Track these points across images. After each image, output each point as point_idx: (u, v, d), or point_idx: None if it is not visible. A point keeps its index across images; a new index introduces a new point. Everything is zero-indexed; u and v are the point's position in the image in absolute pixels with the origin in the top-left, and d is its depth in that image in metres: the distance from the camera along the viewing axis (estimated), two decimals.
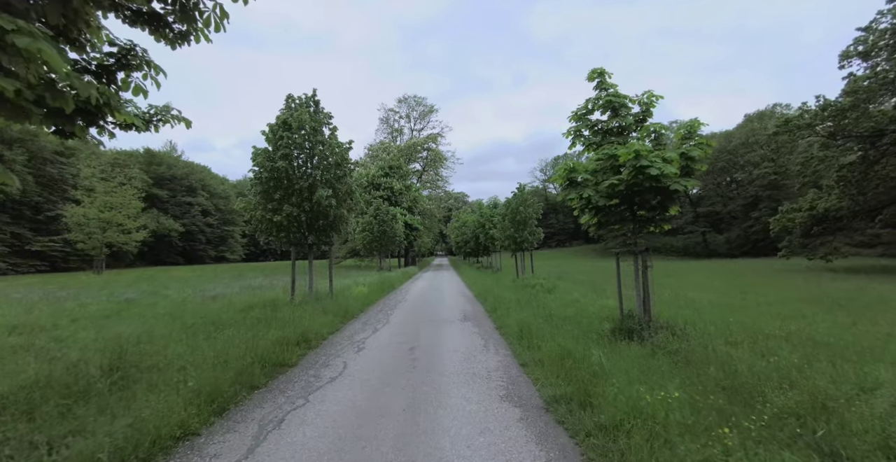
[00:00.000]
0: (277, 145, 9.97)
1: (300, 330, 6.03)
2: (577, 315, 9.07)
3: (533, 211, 17.67)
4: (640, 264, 7.46)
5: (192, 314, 8.45)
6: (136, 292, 13.55)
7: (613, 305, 9.95)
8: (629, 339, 6.80)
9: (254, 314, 7.96)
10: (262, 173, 9.97)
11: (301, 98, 10.74)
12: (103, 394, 3.36)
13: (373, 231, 22.39)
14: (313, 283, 10.91)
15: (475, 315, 8.97)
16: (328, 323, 7.16)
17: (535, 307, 9.64)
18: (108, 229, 30.62)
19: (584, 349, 4.67)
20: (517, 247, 17.86)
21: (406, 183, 32.99)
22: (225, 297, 12.27)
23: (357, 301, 10.21)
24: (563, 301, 11.08)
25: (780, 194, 46.22)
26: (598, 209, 7.56)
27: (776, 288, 15.26)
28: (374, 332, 7.03)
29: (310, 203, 10.18)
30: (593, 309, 9.59)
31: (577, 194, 7.14)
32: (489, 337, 6.53)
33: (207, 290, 13.98)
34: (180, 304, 10.60)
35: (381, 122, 49.18)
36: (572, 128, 8.04)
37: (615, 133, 7.71)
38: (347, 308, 8.66)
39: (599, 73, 7.75)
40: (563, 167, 7.23)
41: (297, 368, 4.80)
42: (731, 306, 10.80)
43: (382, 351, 5.59)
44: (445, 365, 4.86)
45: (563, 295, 12.43)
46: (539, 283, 15.01)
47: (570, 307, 10.16)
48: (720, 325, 7.61)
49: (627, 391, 3.35)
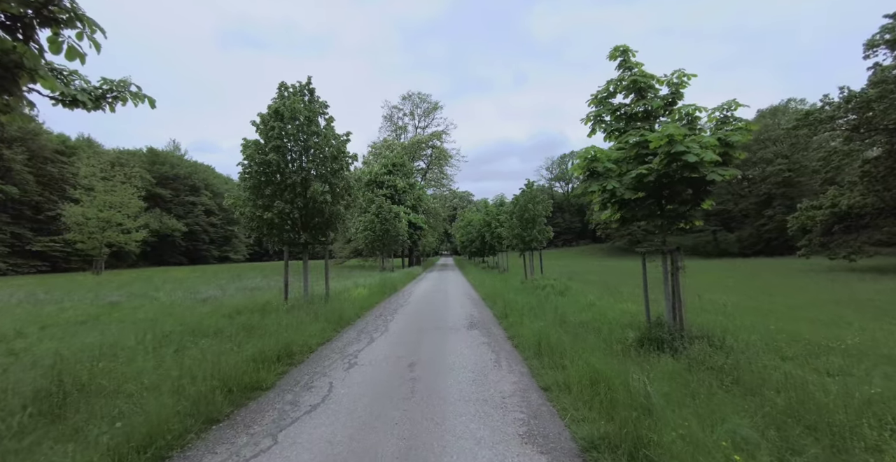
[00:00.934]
0: (268, 136, 9.22)
1: (284, 341, 5.24)
2: (595, 320, 8.25)
3: (542, 208, 16.81)
4: (669, 265, 6.63)
5: (173, 320, 7.73)
6: (125, 294, 12.87)
7: (634, 310, 9.10)
8: (659, 350, 5.98)
9: (240, 320, 7.21)
10: (251, 167, 9.22)
11: (295, 86, 9.97)
12: (2, 440, 2.59)
13: (375, 230, 21.57)
14: (308, 285, 10.15)
15: (483, 321, 8.15)
16: (319, 331, 6.37)
17: (548, 312, 8.83)
18: (107, 229, 30.09)
19: (619, 370, 3.83)
20: (525, 246, 17.02)
21: (410, 181, 32.16)
22: (216, 299, 11.57)
23: (355, 305, 9.43)
24: (578, 305, 10.25)
25: (794, 192, 44.95)
26: (622, 203, 6.74)
27: (802, 289, 14.31)
28: (370, 342, 6.25)
29: (303, 199, 9.42)
30: (612, 314, 8.75)
31: (599, 186, 6.29)
32: (500, 349, 5.73)
33: (201, 292, 13.28)
34: (166, 308, 9.89)
35: (385, 120, 48.48)
36: (592, 113, 7.20)
37: (640, 118, 6.86)
38: (342, 313, 7.86)
39: (622, 50, 6.90)
40: (583, 156, 6.39)
41: (272, 392, 4.02)
42: (761, 310, 9.91)
43: (377, 367, 4.80)
44: (450, 388, 4.06)
45: (577, 297, 11.60)
46: (550, 285, 14.17)
47: (585, 311, 9.34)
48: (761, 333, 6.76)
49: (687, 430, 2.54)
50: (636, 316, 8.26)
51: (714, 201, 6.55)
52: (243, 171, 9.37)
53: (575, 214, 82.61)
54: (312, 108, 9.82)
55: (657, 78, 6.76)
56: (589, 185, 6.46)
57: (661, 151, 5.65)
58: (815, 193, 44.39)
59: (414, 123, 48.73)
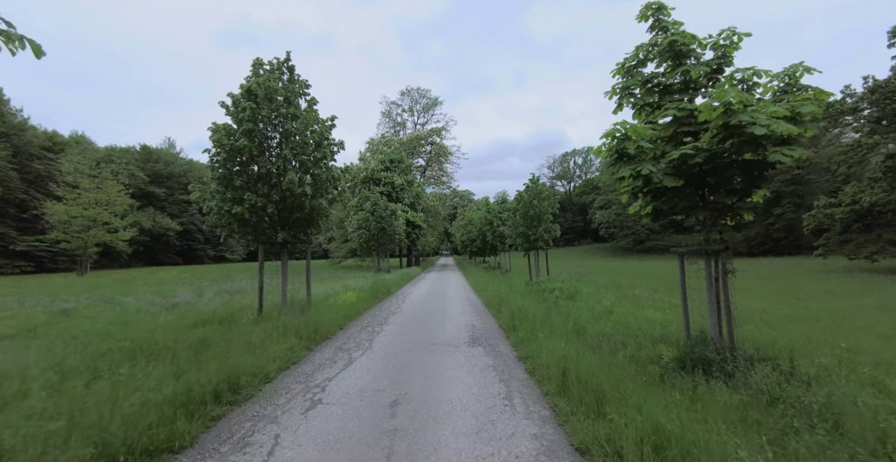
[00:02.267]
0: (239, 119, 8.02)
1: (230, 368, 4.01)
2: (616, 332, 7.08)
3: (548, 204, 15.61)
4: (714, 269, 5.44)
5: (123, 333, 6.55)
6: (90, 299, 11.66)
7: (661, 319, 7.88)
8: (706, 374, 4.81)
9: (198, 334, 6.03)
10: (220, 154, 8.01)
11: (272, 63, 8.76)
12: None
13: (369, 228, 20.31)
14: (287, 290, 8.96)
15: (488, 335, 6.92)
16: (285, 351, 5.13)
17: (562, 321, 7.64)
18: (92, 228, 28.83)
19: (701, 433, 2.59)
20: (530, 246, 15.82)
21: (408, 178, 30.85)
22: (189, 305, 10.37)
23: (339, 313, 8.20)
24: (593, 312, 9.06)
25: (804, 190, 43.70)
26: (655, 193, 5.54)
27: (832, 293, 13.10)
28: (348, 365, 5.01)
29: (279, 191, 8.22)
30: (635, 323, 7.56)
31: (630, 171, 5.04)
32: (511, 377, 4.50)
33: (176, 297, 12.08)
34: (124, 317, 8.71)
35: (384, 116, 47.16)
36: (618, 85, 6.00)
37: (678, 90, 5.66)
38: (319, 325, 6.60)
39: (657, 6, 5.70)
40: (611, 134, 5.16)
41: (185, 458, 2.80)
42: (802, 318, 8.71)
43: (347, 408, 3.59)
44: (445, 448, 2.84)
45: (590, 303, 10.40)
46: (557, 288, 12.97)
47: (603, 320, 8.16)
48: (827, 351, 5.57)
49: None
50: (666, 327, 7.06)
51: (767, 192, 5.36)
52: (211, 160, 8.17)
53: (577, 214, 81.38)
54: (292, 88, 8.62)
55: (699, 40, 5.54)
56: (617, 170, 5.23)
57: (713, 125, 4.45)
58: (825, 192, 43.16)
59: (413, 120, 47.49)
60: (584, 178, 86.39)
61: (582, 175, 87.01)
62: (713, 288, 5.44)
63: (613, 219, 64.72)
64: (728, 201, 5.35)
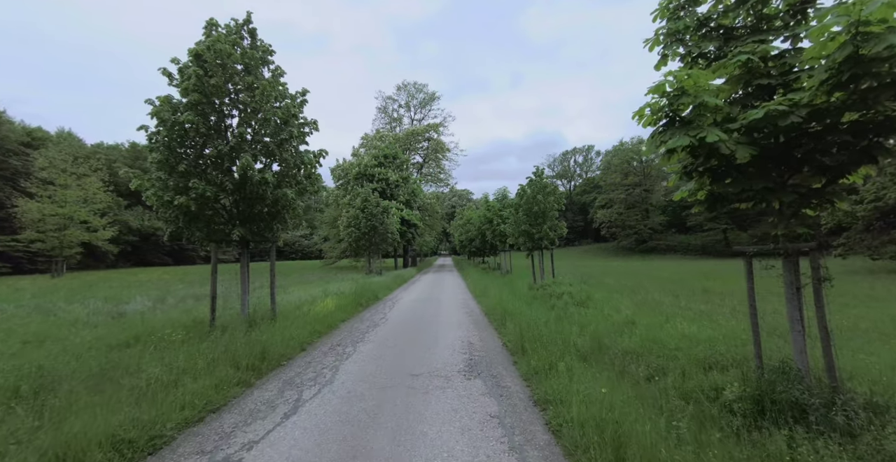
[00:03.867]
0: (184, 89, 6.55)
1: (100, 434, 2.55)
2: (646, 350, 5.68)
3: (554, 200, 14.16)
4: (795, 274, 4.03)
5: (34, 354, 5.12)
6: (26, 307, 10.12)
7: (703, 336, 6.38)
8: (798, 423, 3.41)
9: (116, 359, 4.58)
10: (160, 133, 6.55)
11: (230, 25, 7.28)
12: None
13: (360, 226, 18.78)
14: (247, 299, 7.51)
15: (489, 359, 5.41)
16: (203, 392, 3.59)
17: (575, 334, 6.20)
18: (68, 226, 27.25)
19: None
20: (534, 245, 14.36)
21: (403, 174, 29.30)
22: (138, 314, 8.89)
23: (306, 328, 6.70)
24: (611, 322, 7.63)
25: None
26: (715, 172, 4.11)
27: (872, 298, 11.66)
28: (288, 416, 3.51)
29: (233, 179, 6.75)
30: (671, 341, 6.08)
31: (690, 140, 3.55)
32: (527, 441, 3.00)
33: (132, 303, 10.59)
34: (50, 330, 7.23)
35: (379, 112, 45.59)
36: (660, 31, 4.56)
37: (744, 35, 4.21)
38: (270, 347, 5.03)
39: None
40: (660, 89, 3.68)
41: None
42: (864, 331, 7.24)
43: None
44: None
45: (606, 310, 8.96)
46: (566, 292, 11.51)
47: (625, 334, 6.74)
48: None
49: None
50: (713, 346, 5.59)
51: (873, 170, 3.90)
52: (150, 140, 6.70)
53: (577, 213, 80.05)
54: (252, 55, 7.14)
55: None
56: (667, 138, 3.76)
57: (826, 64, 3.02)
58: None
59: (410, 115, 45.91)
60: (584, 176, 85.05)
61: (583, 174, 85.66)
62: (795, 300, 4.01)
63: (615, 218, 63.36)
64: (816, 182, 3.91)
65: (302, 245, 75.36)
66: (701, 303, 10.64)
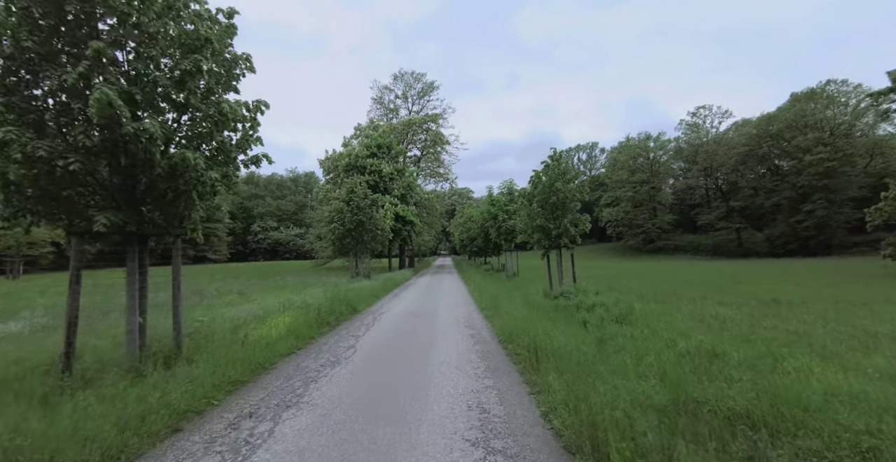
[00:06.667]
0: None
1: None
2: (772, 415, 3.12)
3: (576, 187, 11.61)
4: None
5: None
6: None
7: (853, 389, 3.84)
8: None
9: None
10: None
11: None
12: None
13: (344, 221, 16.11)
14: (135, 321, 4.96)
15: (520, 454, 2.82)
16: None
17: (636, 373, 3.65)
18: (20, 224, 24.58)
19: None
20: (552, 243, 11.80)
21: (398, 166, 26.64)
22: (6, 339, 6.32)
23: (215, 374, 4.11)
24: (680, 352, 5.10)
25: (836, 184, 39.70)
26: None
27: None
28: None
29: (92, 131, 4.18)
30: (813, 398, 3.42)
31: None
32: None
33: (15, 320, 8.01)
34: None
35: (375, 102, 42.88)
36: None
37: None
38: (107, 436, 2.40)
39: None
40: None
41: None
42: None
43: None
44: None
45: (661, 331, 6.40)
46: (597, 303, 8.92)
47: (714, 375, 4.23)
48: None
49: None
50: (857, 397, 2.99)
51: None
52: None
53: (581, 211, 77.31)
54: None
55: None
56: None
57: None
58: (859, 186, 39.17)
59: (407, 106, 43.20)
60: (588, 174, 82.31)
61: (586, 171, 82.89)
62: None
63: (621, 217, 60.68)
64: None
65: (297, 244, 72.62)
66: (779, 319, 8.11)
